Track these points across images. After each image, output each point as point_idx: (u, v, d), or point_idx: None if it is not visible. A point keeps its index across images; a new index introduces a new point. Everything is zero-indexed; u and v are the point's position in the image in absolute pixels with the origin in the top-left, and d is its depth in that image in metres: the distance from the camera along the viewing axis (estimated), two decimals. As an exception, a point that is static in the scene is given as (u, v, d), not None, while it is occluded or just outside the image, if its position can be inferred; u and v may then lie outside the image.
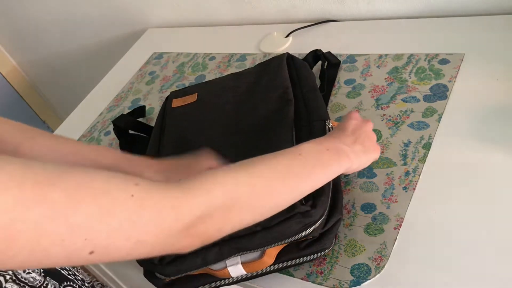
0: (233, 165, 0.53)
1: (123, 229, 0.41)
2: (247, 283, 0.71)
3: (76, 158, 0.71)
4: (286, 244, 0.68)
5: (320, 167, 0.59)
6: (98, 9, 1.55)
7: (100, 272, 1.17)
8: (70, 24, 1.67)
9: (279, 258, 0.68)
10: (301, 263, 0.69)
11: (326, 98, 0.92)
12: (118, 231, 0.40)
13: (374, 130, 0.83)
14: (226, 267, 0.67)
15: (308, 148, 0.60)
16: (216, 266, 0.67)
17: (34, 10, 1.71)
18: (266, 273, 0.70)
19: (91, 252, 0.39)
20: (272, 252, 0.67)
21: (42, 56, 1.88)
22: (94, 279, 0.93)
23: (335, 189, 0.71)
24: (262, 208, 0.53)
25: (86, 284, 0.65)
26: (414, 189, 0.73)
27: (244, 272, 0.68)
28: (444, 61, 0.90)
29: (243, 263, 0.67)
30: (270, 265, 0.68)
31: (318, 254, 0.69)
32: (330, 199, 0.69)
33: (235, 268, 0.67)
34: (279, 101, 0.82)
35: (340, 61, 1.00)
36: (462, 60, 0.88)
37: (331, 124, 0.78)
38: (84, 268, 0.91)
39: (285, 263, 0.69)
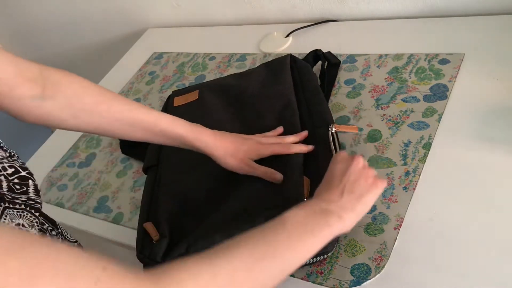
0: (211, 251, 0.48)
1: None
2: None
3: (147, 126, 0.72)
4: None
5: (309, 235, 0.55)
6: (98, 9, 1.55)
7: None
8: (70, 24, 1.67)
9: None
10: (302, 266, 0.69)
11: (326, 98, 0.92)
12: None
13: (374, 131, 0.83)
14: None
15: (293, 216, 0.56)
16: None
17: (34, 10, 1.71)
18: None
19: None
20: None
21: (42, 56, 1.88)
22: None
23: None
24: None
25: None
26: (414, 189, 0.73)
27: None
28: (444, 61, 0.90)
29: None
30: None
31: (320, 258, 0.69)
32: None
33: None
34: (283, 112, 0.83)
35: (340, 61, 1.00)
36: (462, 60, 0.88)
37: (334, 129, 0.77)
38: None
39: None
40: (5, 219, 0.54)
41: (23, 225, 0.57)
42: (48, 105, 0.67)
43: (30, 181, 0.59)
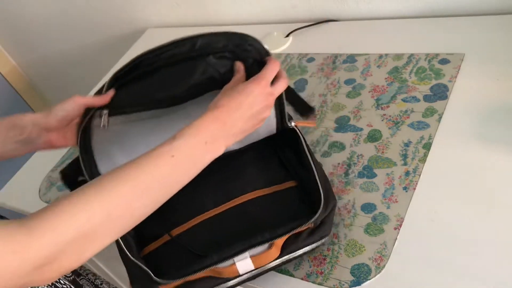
0: (87, 187, 0.47)
1: None
2: (247, 283, 0.71)
3: None
4: (290, 235, 0.68)
5: (191, 168, 0.54)
6: (98, 9, 1.55)
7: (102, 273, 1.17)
8: (70, 23, 1.67)
9: (284, 249, 0.68)
10: (306, 253, 0.69)
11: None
12: None
13: (374, 130, 0.83)
14: (234, 263, 0.66)
15: (183, 147, 0.53)
16: (223, 264, 0.67)
17: (33, 10, 1.71)
18: (271, 269, 0.69)
19: None
20: (278, 243, 0.67)
21: (41, 56, 1.88)
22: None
23: (322, 177, 0.72)
24: (122, 227, 0.49)
25: None
26: (414, 189, 0.73)
27: (252, 267, 0.67)
28: (444, 61, 0.90)
29: (251, 257, 0.67)
30: (276, 258, 0.68)
31: (321, 241, 0.69)
32: (322, 189, 0.69)
33: (244, 262, 0.66)
34: None
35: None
36: (462, 60, 0.88)
37: (293, 124, 0.74)
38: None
39: (290, 255, 0.68)
40: None
41: None
42: None
43: None
